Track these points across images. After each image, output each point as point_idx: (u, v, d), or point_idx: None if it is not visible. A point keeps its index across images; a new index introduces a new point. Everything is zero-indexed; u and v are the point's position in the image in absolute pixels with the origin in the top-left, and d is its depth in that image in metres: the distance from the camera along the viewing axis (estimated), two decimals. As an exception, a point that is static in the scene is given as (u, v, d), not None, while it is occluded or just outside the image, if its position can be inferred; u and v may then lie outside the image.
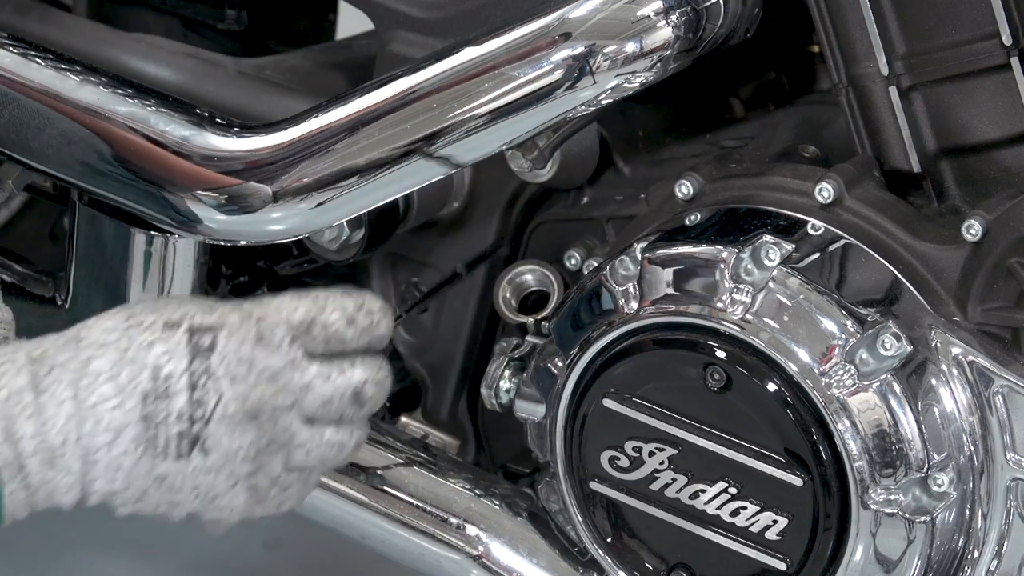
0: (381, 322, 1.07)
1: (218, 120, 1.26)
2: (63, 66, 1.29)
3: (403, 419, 1.45)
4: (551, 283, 1.31)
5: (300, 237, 1.28)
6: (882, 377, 1.10)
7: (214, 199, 1.24)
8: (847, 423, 1.10)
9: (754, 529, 1.15)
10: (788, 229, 1.16)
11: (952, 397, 1.12)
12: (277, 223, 1.22)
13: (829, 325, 1.12)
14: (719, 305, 1.13)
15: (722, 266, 1.14)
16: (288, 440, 1.05)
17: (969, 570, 1.13)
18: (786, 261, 1.13)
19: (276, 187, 1.23)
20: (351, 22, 1.61)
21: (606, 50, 1.16)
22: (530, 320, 1.30)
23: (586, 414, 1.19)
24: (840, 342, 1.11)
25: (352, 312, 1.06)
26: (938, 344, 1.12)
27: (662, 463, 1.17)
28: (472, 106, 1.18)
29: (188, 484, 1.03)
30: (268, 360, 1.04)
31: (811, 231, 1.16)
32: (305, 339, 1.05)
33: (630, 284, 1.18)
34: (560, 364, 1.22)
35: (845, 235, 1.16)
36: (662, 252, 1.17)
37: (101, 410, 1.01)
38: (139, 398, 1.01)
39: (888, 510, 1.11)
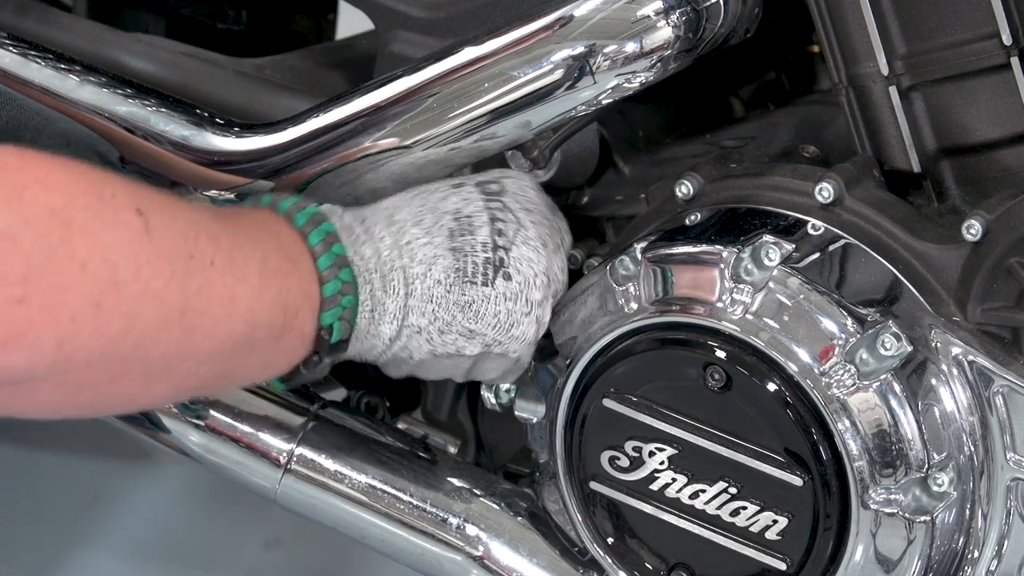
0: None
1: (218, 120, 1.26)
2: (63, 66, 1.29)
3: (403, 419, 1.45)
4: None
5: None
6: (882, 377, 1.10)
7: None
8: (847, 423, 1.10)
9: (754, 529, 1.15)
10: (788, 229, 1.16)
11: (952, 397, 1.12)
12: (277, 223, 1.22)
13: (829, 325, 1.12)
14: (719, 305, 1.13)
15: (722, 266, 1.14)
16: (557, 278, 1.19)
17: (969, 570, 1.13)
18: (786, 261, 1.13)
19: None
20: (351, 22, 1.61)
21: (606, 50, 1.16)
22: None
23: (586, 414, 1.19)
24: (840, 342, 1.11)
25: None
26: (938, 344, 1.12)
27: (662, 463, 1.17)
28: (472, 106, 1.18)
29: (491, 311, 1.15)
30: (545, 201, 1.20)
31: (811, 231, 1.16)
32: None
33: (630, 284, 1.18)
34: (560, 364, 1.22)
35: (845, 235, 1.16)
36: (662, 252, 1.17)
37: (414, 246, 1.13)
38: (446, 235, 1.14)
39: (888, 510, 1.11)
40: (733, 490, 1.15)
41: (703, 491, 1.16)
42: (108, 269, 0.92)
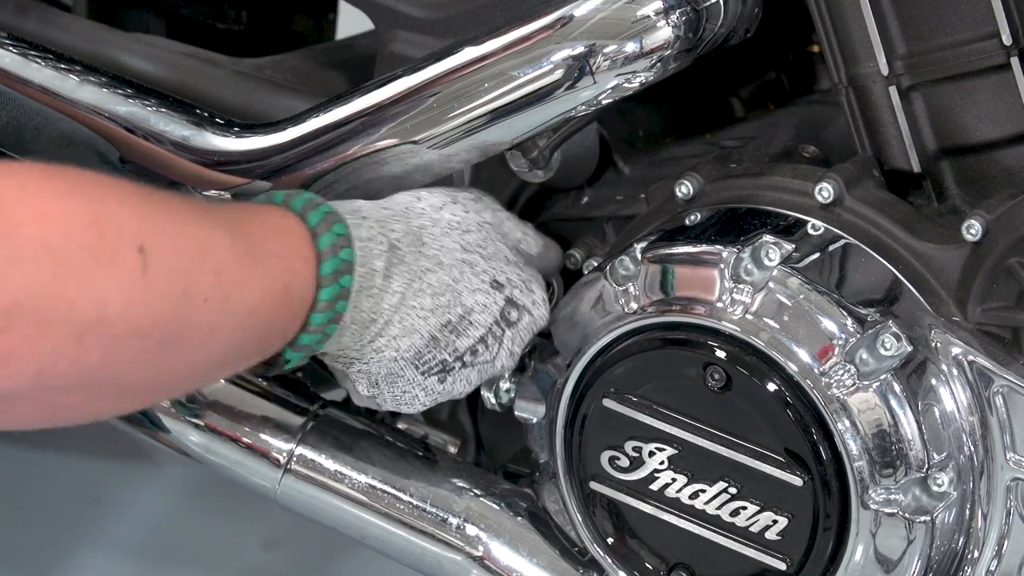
0: None
1: (218, 120, 1.26)
2: (63, 66, 1.29)
3: (403, 419, 1.45)
4: (551, 283, 1.31)
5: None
6: (882, 377, 1.10)
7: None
8: (847, 423, 1.10)
9: (754, 529, 1.15)
10: (788, 229, 1.16)
11: (952, 397, 1.12)
12: (277, 223, 1.22)
13: (829, 325, 1.12)
14: (719, 305, 1.13)
15: (722, 266, 1.14)
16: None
17: (969, 570, 1.13)
18: (786, 261, 1.13)
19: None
20: (351, 22, 1.61)
21: (606, 50, 1.16)
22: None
23: (586, 414, 1.19)
24: (840, 342, 1.11)
25: None
26: (938, 344, 1.12)
27: (662, 463, 1.17)
28: (472, 106, 1.18)
29: (401, 391, 1.19)
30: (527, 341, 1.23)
31: (811, 231, 1.16)
32: None
33: (630, 284, 1.18)
34: (560, 364, 1.22)
35: (845, 235, 1.16)
36: (662, 252, 1.17)
37: (411, 313, 1.16)
38: (442, 321, 1.17)
39: (888, 510, 1.11)
40: (733, 490, 1.15)
41: (703, 491, 1.16)
42: (97, 307, 0.92)
